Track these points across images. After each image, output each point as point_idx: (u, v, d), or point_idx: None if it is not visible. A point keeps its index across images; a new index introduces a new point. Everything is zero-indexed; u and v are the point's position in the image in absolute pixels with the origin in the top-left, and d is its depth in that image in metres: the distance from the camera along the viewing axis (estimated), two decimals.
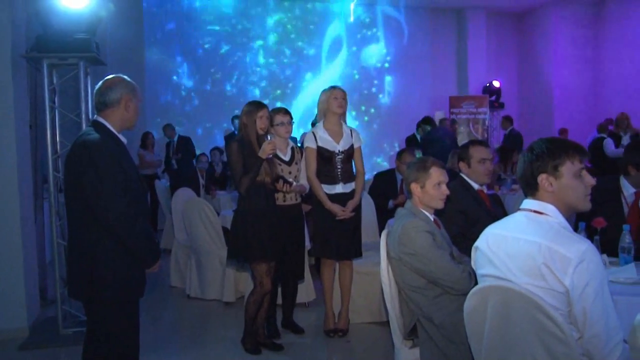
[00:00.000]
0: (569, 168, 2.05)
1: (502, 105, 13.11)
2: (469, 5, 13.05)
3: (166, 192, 7.91)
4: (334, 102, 4.28)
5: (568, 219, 2.12)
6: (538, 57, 13.54)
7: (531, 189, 2.11)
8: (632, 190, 3.44)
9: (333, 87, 4.36)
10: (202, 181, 7.87)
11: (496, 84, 13.13)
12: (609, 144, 8.98)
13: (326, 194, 4.27)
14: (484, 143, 3.92)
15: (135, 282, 2.68)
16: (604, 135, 9.29)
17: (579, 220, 3.24)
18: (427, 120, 10.07)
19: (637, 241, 3.13)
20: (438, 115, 11.16)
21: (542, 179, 2.06)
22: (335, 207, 4.24)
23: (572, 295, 1.92)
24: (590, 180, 2.08)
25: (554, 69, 13.12)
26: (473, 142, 3.87)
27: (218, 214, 5.78)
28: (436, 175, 2.95)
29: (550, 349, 1.95)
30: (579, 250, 1.91)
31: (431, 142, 9.17)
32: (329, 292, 4.46)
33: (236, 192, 4.30)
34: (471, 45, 13.35)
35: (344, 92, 4.34)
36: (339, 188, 4.30)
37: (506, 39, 14.11)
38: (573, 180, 2.05)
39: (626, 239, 3.00)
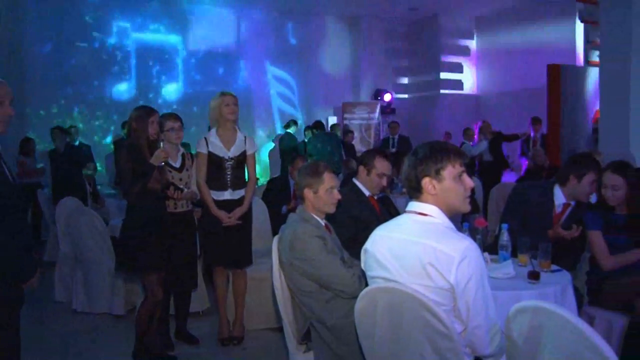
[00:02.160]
0: (450, 172, 2.14)
1: (393, 111, 13.57)
2: (363, 14, 13.40)
3: (49, 202, 7.46)
4: (225, 109, 4.22)
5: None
6: (427, 64, 14.17)
7: (416, 192, 2.19)
8: (562, 200, 3.61)
9: (223, 94, 4.29)
10: (89, 189, 7.50)
11: (387, 97, 13.60)
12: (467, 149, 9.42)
13: (214, 200, 4.21)
14: (389, 159, 3.96)
15: (8, 298, 2.49)
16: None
17: (502, 222, 3.37)
18: (317, 125, 10.25)
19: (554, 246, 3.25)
20: (331, 121, 11.40)
21: (426, 182, 2.15)
22: (220, 214, 4.19)
23: (456, 291, 2.02)
24: (470, 183, 2.18)
25: (440, 76, 13.81)
26: (380, 155, 3.87)
27: (107, 223, 5.54)
28: (329, 181, 3.00)
29: (436, 344, 2.04)
30: (461, 248, 2.00)
31: (315, 146, 9.37)
32: (222, 299, 4.40)
33: (125, 200, 4.13)
34: (364, 53, 13.73)
35: (235, 98, 4.30)
36: (227, 194, 4.25)
37: (398, 46, 14.62)
38: (454, 183, 2.14)
39: (504, 238, 3.20)
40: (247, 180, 4.38)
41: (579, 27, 11.24)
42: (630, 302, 3.17)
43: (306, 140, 10.34)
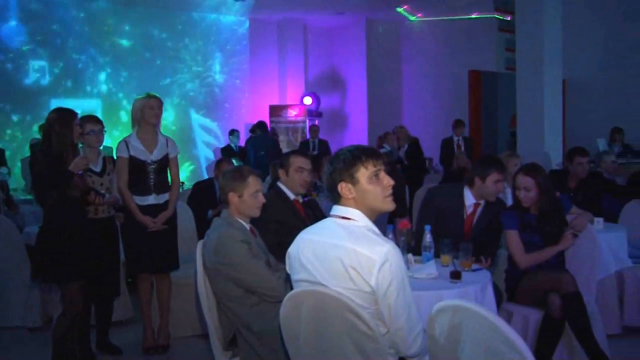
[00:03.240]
0: (363, 174, 2.16)
1: (320, 115, 13.65)
2: (288, 17, 13.42)
3: None
4: (149, 112, 4.12)
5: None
6: (349, 69, 14.37)
7: (336, 197, 2.21)
8: (472, 201, 3.71)
9: (149, 96, 4.17)
10: (1, 195, 7.11)
11: (307, 100, 13.64)
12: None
13: (138, 205, 4.09)
14: (304, 153, 4.00)
15: None
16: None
17: (418, 225, 3.42)
18: (258, 125, 10.16)
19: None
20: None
21: (342, 187, 2.16)
22: (145, 219, 4.08)
23: (378, 294, 2.04)
24: (389, 182, 2.20)
25: (363, 81, 14.03)
26: (294, 151, 3.96)
27: (21, 230, 5.27)
28: (254, 184, 2.99)
29: (360, 346, 2.06)
30: (382, 251, 2.03)
31: (253, 148, 9.33)
32: (146, 307, 4.27)
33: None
34: (290, 56, 13.75)
35: (160, 102, 4.20)
36: (151, 199, 4.14)
37: (323, 52, 14.74)
38: (370, 184, 2.16)
39: (427, 239, 3.27)
40: (170, 183, 4.29)
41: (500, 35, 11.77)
42: (543, 297, 3.32)
43: (232, 144, 10.26)
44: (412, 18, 13.64)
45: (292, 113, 12.88)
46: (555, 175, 5.27)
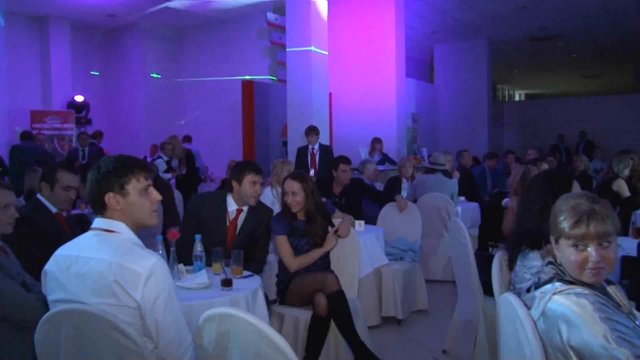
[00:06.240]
0: (135, 186, 2.09)
1: (89, 122, 12.84)
2: (52, 14, 12.37)
3: None
4: None
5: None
6: (124, 74, 13.79)
7: (100, 208, 2.09)
8: (234, 207, 3.73)
9: None
10: None
11: (81, 99, 12.79)
12: (160, 164, 8.63)
13: None
14: (72, 169, 3.68)
15: None
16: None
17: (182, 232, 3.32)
18: (24, 134, 9.25)
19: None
20: (17, 131, 10.28)
21: (110, 197, 2.06)
22: None
23: (144, 309, 1.97)
24: (157, 197, 2.16)
25: (138, 86, 13.57)
26: (62, 167, 3.59)
27: None
28: (3, 198, 2.70)
29: None
30: (148, 264, 1.97)
31: (14, 156, 8.50)
32: None
33: None
34: (55, 57, 12.67)
35: None
36: None
37: (94, 53, 13.93)
38: (139, 197, 2.10)
39: (198, 248, 3.26)
40: None
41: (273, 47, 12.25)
42: (311, 298, 3.51)
43: None
44: None
45: (58, 120, 11.90)
46: (321, 182, 5.62)
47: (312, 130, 7.75)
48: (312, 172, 7.47)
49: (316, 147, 7.78)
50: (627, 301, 1.92)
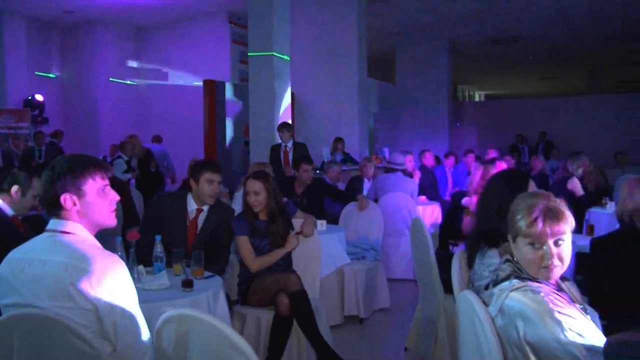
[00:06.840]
0: (92, 186, 2.04)
1: (46, 120, 12.51)
2: (5, 9, 11.99)
3: None
4: None
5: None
6: (82, 72, 13.51)
7: (55, 209, 2.03)
8: (194, 206, 3.73)
9: None
10: None
11: (39, 97, 12.46)
12: (119, 164, 8.44)
13: None
14: (35, 172, 3.56)
15: None
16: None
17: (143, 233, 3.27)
18: None
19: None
20: None
21: (65, 198, 2.00)
22: None
23: (102, 311, 1.93)
24: (115, 196, 2.12)
25: (98, 86, 13.32)
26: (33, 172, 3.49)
27: None
28: None
29: None
30: (105, 265, 1.93)
31: None
32: None
33: None
34: (10, 54, 12.29)
35: None
36: None
37: (51, 51, 13.59)
38: (97, 197, 2.05)
39: (158, 249, 3.22)
40: None
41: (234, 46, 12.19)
42: (273, 298, 3.50)
43: None
44: None
45: (13, 118, 11.55)
46: (283, 181, 5.61)
47: (283, 127, 7.52)
48: (286, 170, 7.29)
49: (289, 144, 7.57)
50: (580, 297, 1.98)
